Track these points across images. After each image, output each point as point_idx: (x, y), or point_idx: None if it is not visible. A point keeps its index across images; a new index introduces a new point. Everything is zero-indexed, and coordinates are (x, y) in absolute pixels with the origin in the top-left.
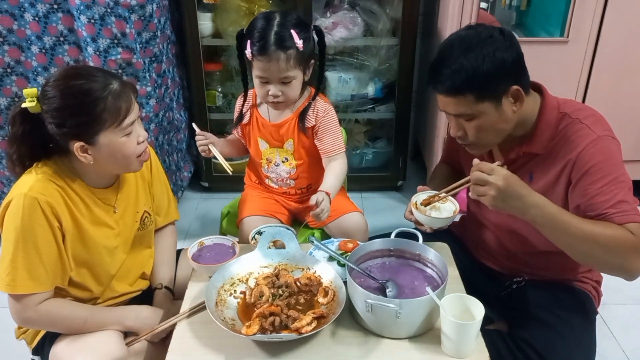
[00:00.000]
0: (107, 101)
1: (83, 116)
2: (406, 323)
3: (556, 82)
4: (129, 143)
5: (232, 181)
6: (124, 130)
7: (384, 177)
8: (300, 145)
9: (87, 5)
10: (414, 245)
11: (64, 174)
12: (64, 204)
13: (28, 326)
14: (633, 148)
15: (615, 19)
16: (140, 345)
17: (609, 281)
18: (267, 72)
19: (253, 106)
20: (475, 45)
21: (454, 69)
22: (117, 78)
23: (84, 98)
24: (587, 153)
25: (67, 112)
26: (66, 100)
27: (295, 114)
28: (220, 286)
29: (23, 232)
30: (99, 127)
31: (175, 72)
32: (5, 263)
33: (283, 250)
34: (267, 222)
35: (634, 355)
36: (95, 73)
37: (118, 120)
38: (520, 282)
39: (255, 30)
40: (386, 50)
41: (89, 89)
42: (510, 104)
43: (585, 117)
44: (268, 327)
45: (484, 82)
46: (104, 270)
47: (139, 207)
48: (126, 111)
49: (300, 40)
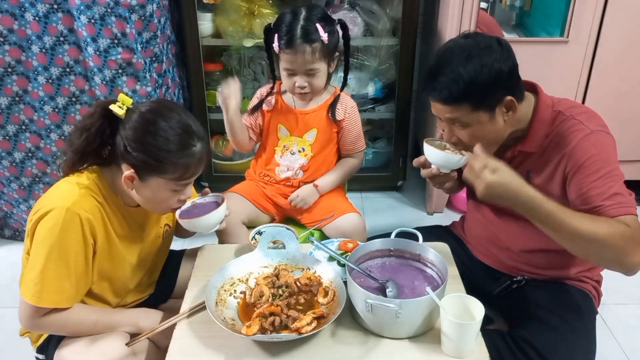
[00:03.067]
0: (181, 160)
1: (152, 158)
2: (406, 323)
3: (556, 82)
4: (172, 198)
5: (232, 181)
6: (176, 187)
7: (384, 177)
8: (321, 136)
9: (87, 5)
10: (414, 245)
11: (105, 190)
12: (101, 221)
13: (37, 331)
14: (633, 148)
15: (615, 19)
16: (141, 345)
17: (609, 281)
18: (293, 64)
19: (278, 93)
20: (474, 55)
21: (451, 78)
22: (203, 141)
23: (164, 145)
24: (581, 147)
25: (141, 145)
26: (146, 136)
27: (324, 105)
28: (220, 286)
29: (59, 245)
30: (158, 174)
31: (175, 72)
32: (35, 273)
33: (283, 251)
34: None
35: (634, 355)
36: (187, 123)
37: (179, 179)
38: (520, 281)
39: (283, 25)
40: (386, 50)
41: (172, 140)
42: (502, 113)
43: (579, 114)
44: (268, 327)
45: (480, 93)
46: (123, 284)
47: (162, 222)
48: (191, 175)
49: (325, 34)
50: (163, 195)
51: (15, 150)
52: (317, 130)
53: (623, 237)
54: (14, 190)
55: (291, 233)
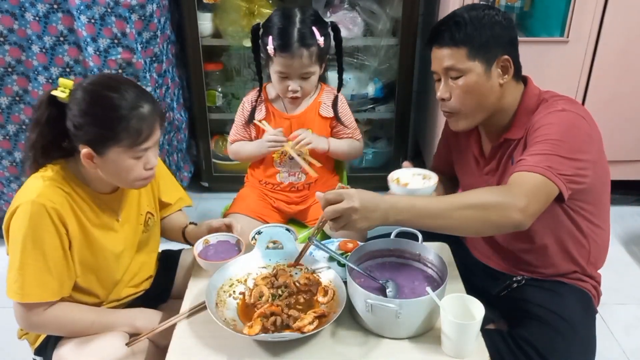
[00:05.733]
0: (130, 122)
1: (102, 128)
2: (406, 323)
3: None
4: (135, 167)
5: (232, 181)
6: (135, 153)
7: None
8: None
9: (87, 5)
10: (414, 245)
11: (71, 180)
12: (70, 210)
13: (34, 331)
14: (633, 148)
15: (615, 19)
16: (140, 345)
17: (609, 281)
18: (289, 68)
19: (266, 101)
20: (480, 12)
21: (455, 20)
22: (150, 101)
23: (110, 112)
24: (544, 118)
25: (89, 119)
26: (92, 107)
27: (314, 104)
28: (220, 287)
29: (31, 239)
30: (113, 143)
31: (175, 72)
32: (14, 271)
33: (281, 251)
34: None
35: (634, 355)
36: (130, 90)
37: (134, 143)
38: (520, 281)
39: (276, 27)
40: (386, 50)
41: (117, 105)
42: (499, 75)
43: (560, 99)
44: (270, 327)
45: (480, 40)
46: (110, 276)
47: (142, 209)
48: (146, 137)
49: (322, 37)
50: (125, 164)
51: (16, 150)
52: (311, 131)
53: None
54: (13, 191)
55: (289, 233)
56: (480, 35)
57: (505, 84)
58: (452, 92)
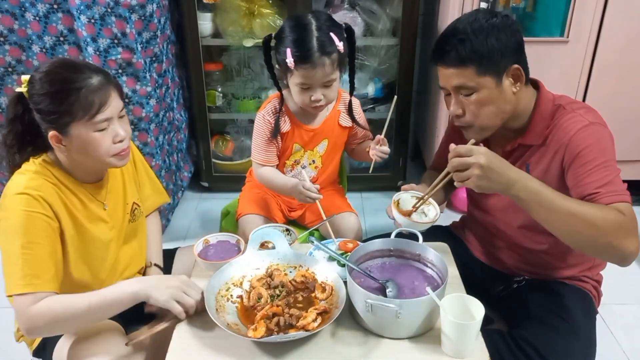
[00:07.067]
0: (80, 93)
1: (56, 104)
2: (406, 323)
3: (556, 82)
4: (101, 140)
5: (232, 181)
6: (95, 125)
7: (384, 177)
8: (332, 145)
9: (87, 5)
10: (414, 245)
11: (55, 171)
12: (59, 200)
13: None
14: (633, 148)
15: (615, 19)
16: (141, 344)
17: (609, 281)
18: (311, 79)
19: (288, 112)
20: (483, 22)
21: (459, 38)
22: (102, 74)
23: (61, 86)
24: (579, 137)
25: (45, 98)
26: (46, 85)
27: (334, 113)
28: (217, 292)
29: (23, 230)
30: (69, 118)
31: (175, 72)
32: (10, 266)
33: (273, 251)
34: (266, 223)
35: (634, 355)
36: (82, 66)
37: (89, 115)
38: (520, 281)
39: (293, 38)
40: (386, 50)
41: (66, 78)
42: (511, 84)
43: (579, 108)
44: (274, 327)
45: (487, 55)
46: (101, 266)
47: (128, 199)
48: (99, 107)
49: (341, 42)
50: (90, 138)
51: None
52: (327, 140)
53: (616, 222)
54: None
55: (279, 232)
56: (487, 49)
57: (518, 92)
58: (465, 108)
